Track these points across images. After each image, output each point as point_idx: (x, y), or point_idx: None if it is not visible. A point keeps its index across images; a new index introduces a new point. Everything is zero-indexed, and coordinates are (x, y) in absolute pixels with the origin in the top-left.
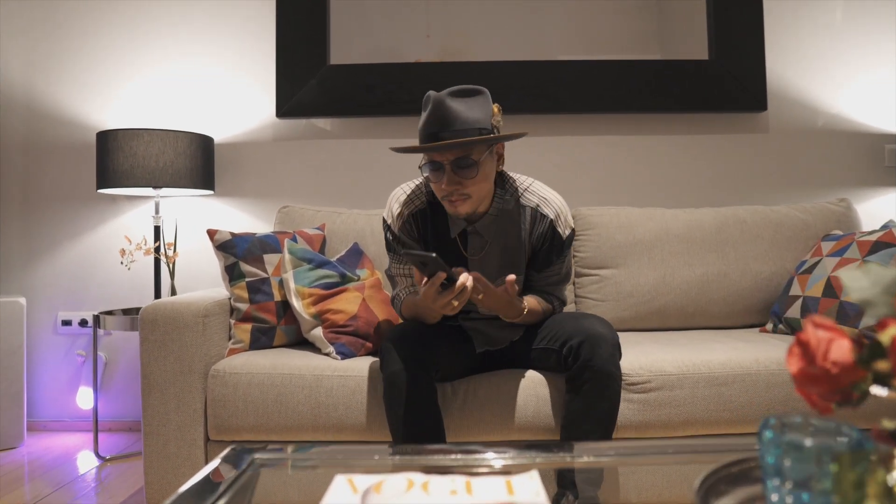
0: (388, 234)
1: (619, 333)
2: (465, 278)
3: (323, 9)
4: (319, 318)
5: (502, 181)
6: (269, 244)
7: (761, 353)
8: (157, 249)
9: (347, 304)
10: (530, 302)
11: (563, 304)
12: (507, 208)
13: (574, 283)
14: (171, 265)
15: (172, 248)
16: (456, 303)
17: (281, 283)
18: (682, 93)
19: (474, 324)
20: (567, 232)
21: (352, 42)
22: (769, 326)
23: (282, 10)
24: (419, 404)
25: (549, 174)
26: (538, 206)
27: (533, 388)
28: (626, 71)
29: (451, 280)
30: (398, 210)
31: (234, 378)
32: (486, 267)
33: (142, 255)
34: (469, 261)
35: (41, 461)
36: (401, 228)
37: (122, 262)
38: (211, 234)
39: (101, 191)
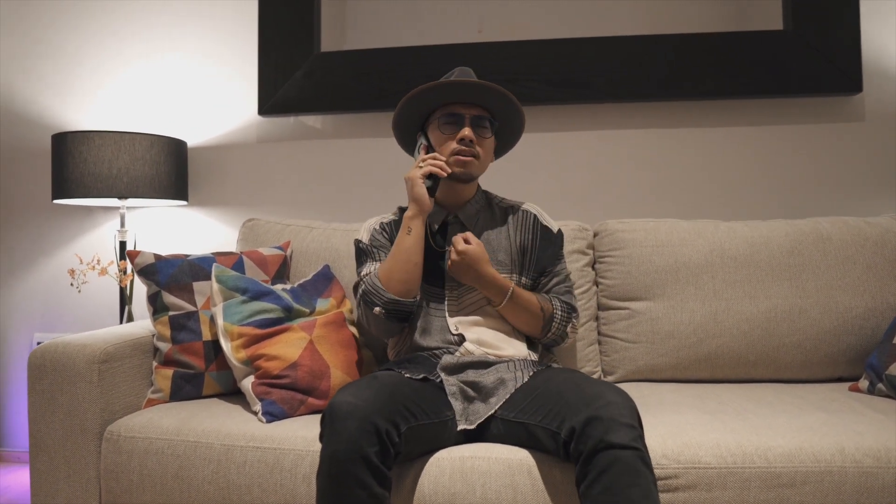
0: (360, 245)
1: (654, 385)
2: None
3: None
4: (251, 364)
5: (482, 190)
6: (202, 269)
7: (849, 439)
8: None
9: (287, 347)
10: (524, 291)
11: (574, 311)
12: (489, 204)
13: (598, 319)
14: (126, 287)
15: (126, 268)
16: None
17: (213, 319)
18: (750, 73)
19: (458, 382)
20: (556, 227)
21: (398, 38)
22: (863, 384)
23: None
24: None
25: (573, 177)
26: (516, 205)
27: (509, 475)
28: (676, 48)
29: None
30: (370, 227)
31: (130, 443)
32: None
33: (96, 276)
34: (447, 254)
35: (8, 497)
36: (371, 237)
37: (72, 284)
38: (132, 255)
39: (56, 201)
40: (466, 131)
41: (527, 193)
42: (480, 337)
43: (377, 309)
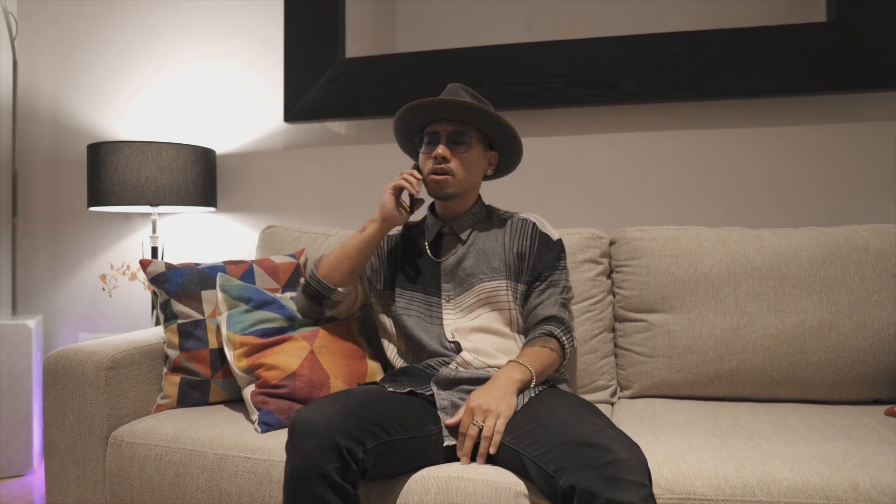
0: None
1: (669, 402)
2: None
3: None
4: (252, 373)
5: (484, 205)
6: (211, 278)
7: (866, 473)
8: None
9: (286, 357)
10: (532, 356)
11: (570, 329)
12: (488, 216)
13: (614, 331)
14: (153, 293)
15: None
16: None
17: (218, 328)
18: (789, 68)
19: (450, 397)
20: (556, 236)
21: (439, 39)
22: None
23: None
24: None
25: (596, 182)
26: (517, 214)
27: (495, 499)
28: (708, 44)
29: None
30: None
31: (131, 449)
32: (459, 271)
33: (127, 281)
34: (442, 266)
35: None
36: None
37: (103, 289)
38: (144, 264)
39: (91, 209)
40: (439, 149)
41: (543, 199)
42: (477, 346)
43: (302, 279)
